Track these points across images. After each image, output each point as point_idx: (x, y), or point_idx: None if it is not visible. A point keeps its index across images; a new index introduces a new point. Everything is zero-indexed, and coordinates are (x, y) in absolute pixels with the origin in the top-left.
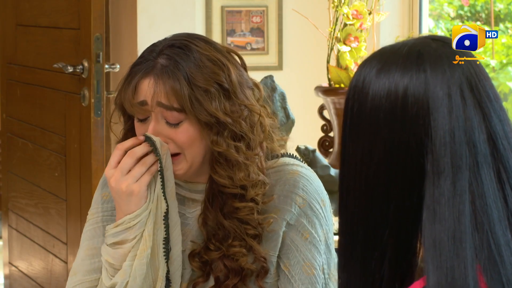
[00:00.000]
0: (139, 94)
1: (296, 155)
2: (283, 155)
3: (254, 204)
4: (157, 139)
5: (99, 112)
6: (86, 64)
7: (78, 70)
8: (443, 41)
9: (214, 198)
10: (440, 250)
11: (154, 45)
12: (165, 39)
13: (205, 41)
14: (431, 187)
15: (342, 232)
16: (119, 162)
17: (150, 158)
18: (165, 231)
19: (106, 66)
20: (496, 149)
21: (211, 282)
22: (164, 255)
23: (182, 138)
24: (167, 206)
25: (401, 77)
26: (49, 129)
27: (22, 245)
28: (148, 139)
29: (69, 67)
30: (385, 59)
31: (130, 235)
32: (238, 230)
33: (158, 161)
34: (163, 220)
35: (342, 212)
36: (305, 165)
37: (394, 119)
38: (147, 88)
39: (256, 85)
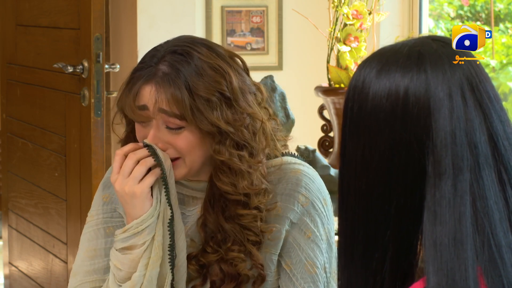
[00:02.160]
0: (140, 100)
1: (297, 154)
2: (284, 154)
3: (258, 212)
4: (156, 147)
5: (99, 112)
6: (86, 64)
7: (78, 70)
8: (444, 42)
9: (215, 200)
10: (440, 252)
11: (155, 49)
12: (167, 42)
13: (208, 46)
14: (432, 188)
15: (342, 232)
16: (121, 167)
17: (151, 160)
18: (170, 237)
19: (106, 66)
20: (497, 150)
21: (208, 285)
22: (169, 262)
23: (182, 144)
24: (172, 213)
25: (402, 77)
26: (49, 129)
27: (22, 245)
28: (147, 146)
29: (69, 67)
30: (385, 59)
31: (139, 241)
32: (238, 235)
33: (161, 167)
34: (168, 227)
35: (342, 212)
36: (307, 164)
37: (395, 119)
38: (149, 96)
39: (258, 88)
